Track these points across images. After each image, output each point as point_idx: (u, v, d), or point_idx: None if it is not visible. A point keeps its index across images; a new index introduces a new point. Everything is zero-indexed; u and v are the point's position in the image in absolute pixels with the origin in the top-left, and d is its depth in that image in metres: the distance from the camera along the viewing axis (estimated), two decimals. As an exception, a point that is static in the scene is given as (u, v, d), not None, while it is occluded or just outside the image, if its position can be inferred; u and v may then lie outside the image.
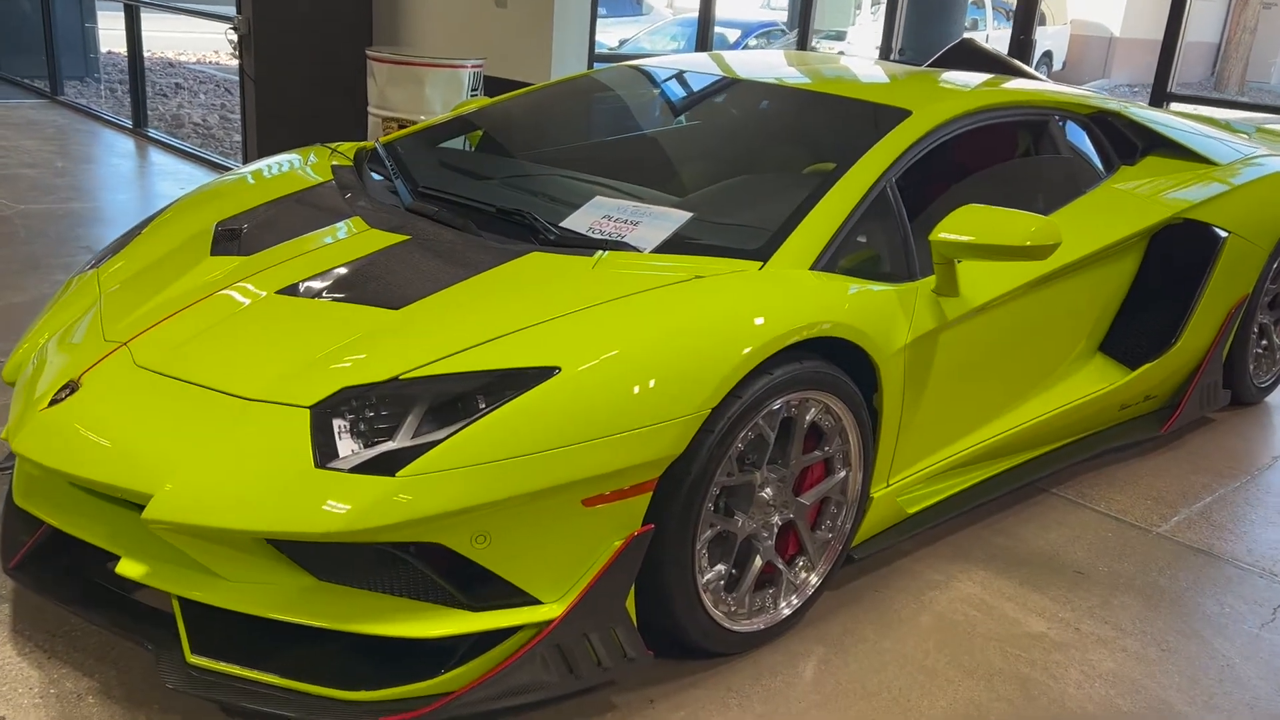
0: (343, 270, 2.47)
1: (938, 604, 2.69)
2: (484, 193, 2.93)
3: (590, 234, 2.58)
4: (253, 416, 2.07)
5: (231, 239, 2.72)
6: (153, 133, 8.11)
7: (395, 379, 2.07)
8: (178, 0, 8.38)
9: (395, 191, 2.95)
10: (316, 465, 1.96)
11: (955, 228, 2.57)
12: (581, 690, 2.20)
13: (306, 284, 2.43)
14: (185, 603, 2.09)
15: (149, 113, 8.35)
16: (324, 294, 2.38)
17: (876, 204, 2.67)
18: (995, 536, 3.05)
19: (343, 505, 1.91)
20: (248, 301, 2.40)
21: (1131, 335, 3.51)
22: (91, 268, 2.83)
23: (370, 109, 5.76)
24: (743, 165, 3.20)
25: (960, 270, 2.71)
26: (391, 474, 1.93)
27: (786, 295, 2.33)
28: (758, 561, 2.41)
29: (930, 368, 2.68)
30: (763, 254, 2.45)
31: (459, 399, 2.03)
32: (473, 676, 2.04)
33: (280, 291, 2.41)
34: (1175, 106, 5.56)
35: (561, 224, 2.63)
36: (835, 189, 2.64)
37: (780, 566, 2.46)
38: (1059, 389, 3.29)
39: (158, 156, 7.46)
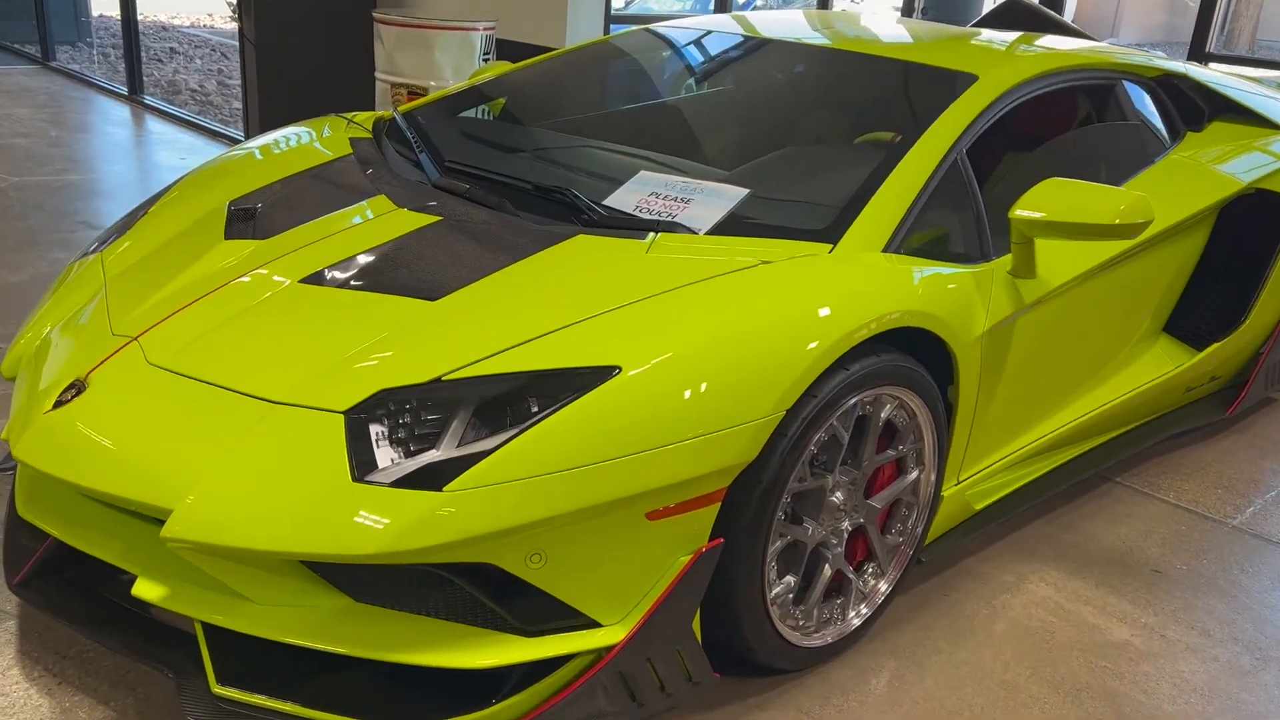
0: (370, 256, 2.26)
1: (1011, 609, 2.51)
2: (517, 168, 2.71)
3: (638, 213, 2.36)
4: (280, 422, 1.87)
5: (246, 220, 2.50)
6: (149, 99, 7.83)
7: (438, 380, 1.87)
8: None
9: (420, 166, 2.73)
10: (354, 479, 1.76)
11: (1037, 204, 2.35)
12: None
13: (332, 272, 2.21)
14: (209, 627, 1.90)
15: (144, 79, 8.07)
16: (351, 283, 2.17)
17: (948, 177, 2.46)
18: (1062, 533, 2.87)
19: (384, 524, 1.71)
20: (268, 291, 2.19)
21: (1197, 314, 3.31)
22: (94, 251, 2.61)
23: (378, 75, 5.51)
24: (788, 135, 2.98)
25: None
26: (437, 488, 1.73)
27: (863, 281, 2.13)
28: (826, 571, 2.22)
29: (1005, 356, 2.48)
30: (831, 235, 2.24)
31: (508, 402, 1.83)
32: (527, 707, 1.86)
33: (304, 280, 2.20)
34: (1214, 67, 5.32)
35: (605, 202, 2.41)
36: (906, 161, 2.42)
37: (849, 574, 2.27)
38: (1125, 373, 3.09)
39: (155, 125, 7.20)
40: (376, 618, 1.86)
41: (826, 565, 2.21)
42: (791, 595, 2.16)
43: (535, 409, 1.81)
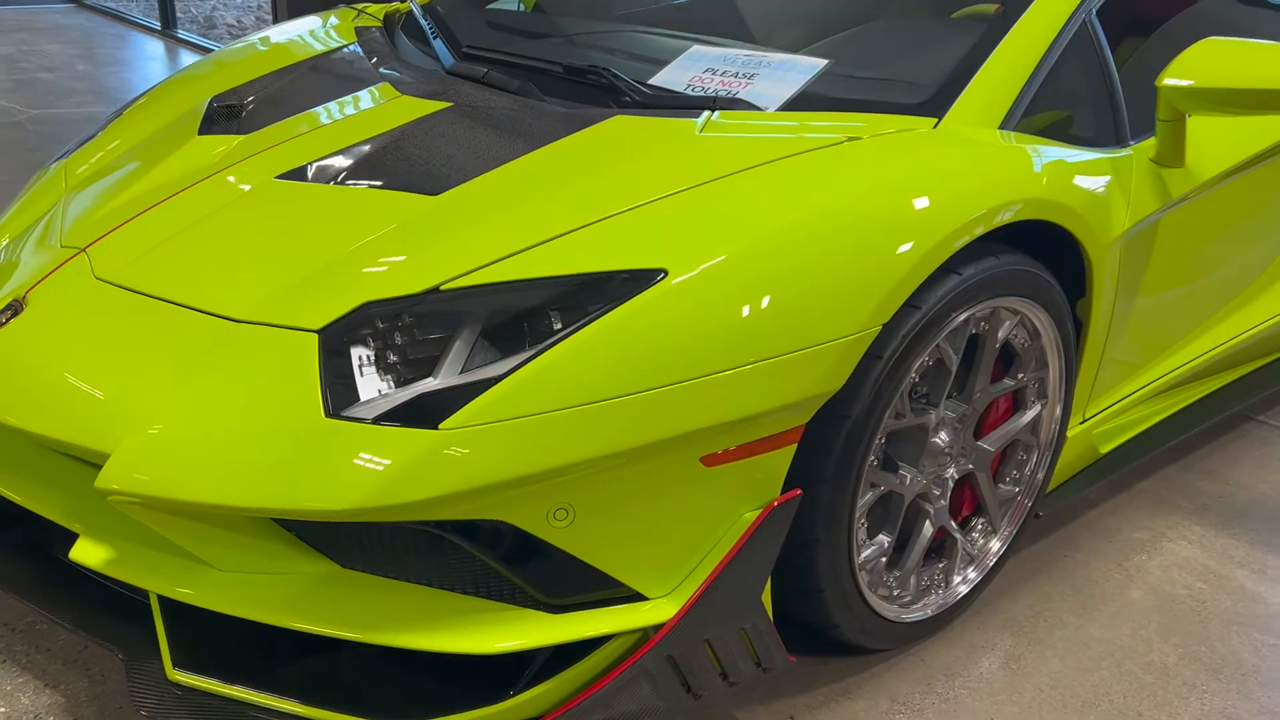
0: (364, 148, 1.86)
1: (1149, 573, 2.07)
2: (546, 51, 2.29)
3: (690, 92, 1.93)
4: (242, 345, 1.49)
5: (230, 117, 2.11)
6: (183, 34, 7.50)
7: (436, 290, 1.47)
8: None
9: (435, 57, 2.31)
10: (328, 414, 1.38)
11: (1193, 69, 1.87)
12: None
13: (317, 166, 1.82)
14: (167, 599, 1.55)
15: (179, 15, 7.74)
16: (338, 178, 1.78)
17: (1076, 43, 1.97)
18: (1201, 480, 2.41)
19: (366, 472, 1.33)
20: (239, 191, 1.80)
21: None
22: (61, 158, 2.25)
23: (411, -11, 5.08)
24: (868, 10, 2.51)
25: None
26: (433, 426, 1.34)
27: (977, 163, 1.68)
28: (927, 528, 1.80)
29: (1145, 263, 2.01)
30: (935, 108, 1.79)
31: (525, 317, 1.42)
32: (554, 700, 1.48)
33: (282, 176, 1.81)
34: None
35: (651, 81, 1.98)
36: (1026, 18, 1.93)
37: (954, 532, 1.85)
38: (1276, 291, 2.59)
39: (188, 58, 6.87)
40: (365, 589, 1.49)
41: (927, 521, 1.80)
42: (884, 558, 1.74)
43: (558, 325, 1.40)
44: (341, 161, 1.82)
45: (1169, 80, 1.88)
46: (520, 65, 2.13)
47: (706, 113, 1.80)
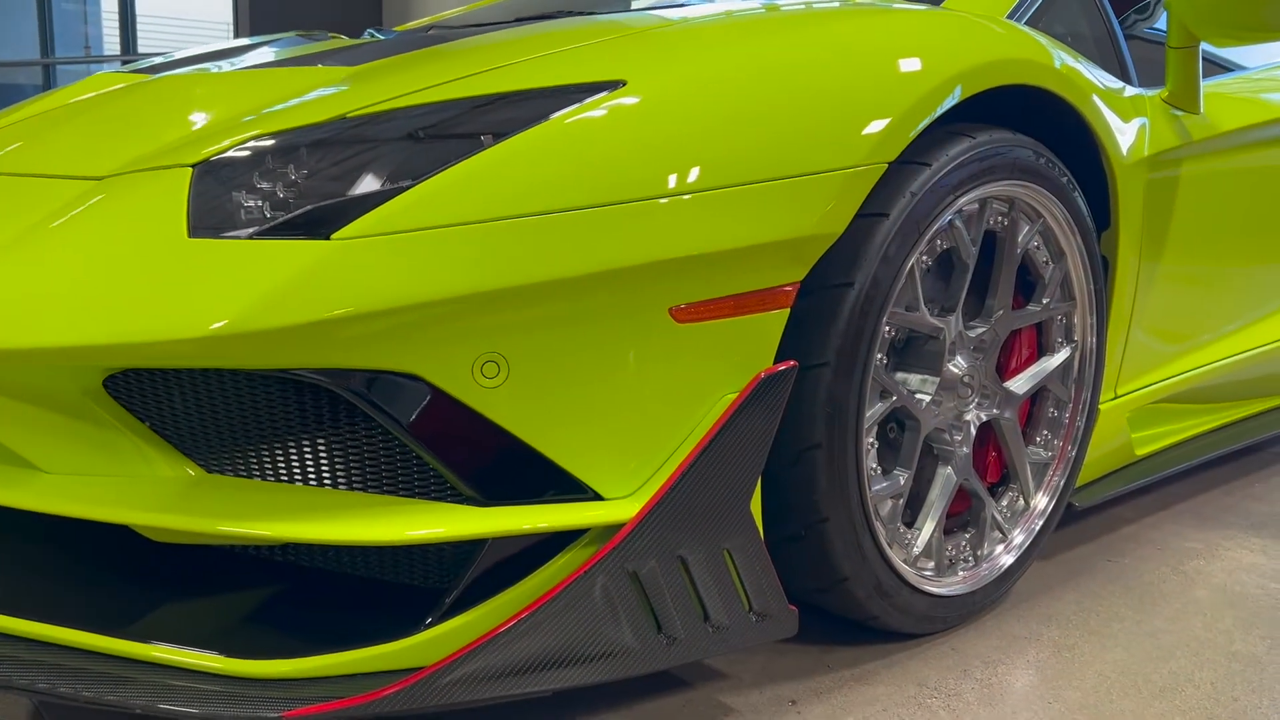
0: (284, 60, 1.64)
1: (1211, 575, 1.73)
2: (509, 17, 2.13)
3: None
4: (103, 197, 1.20)
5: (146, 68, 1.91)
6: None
7: (342, 118, 1.20)
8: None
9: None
10: (192, 235, 1.08)
11: (1206, -18, 1.71)
12: (668, 676, 1.26)
13: (228, 64, 1.60)
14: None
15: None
16: (246, 68, 1.55)
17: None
18: (1249, 503, 2.09)
19: (237, 289, 1.02)
20: (131, 86, 1.57)
21: None
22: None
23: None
24: None
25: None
26: (324, 237, 1.04)
27: (984, 28, 1.46)
28: (950, 476, 1.47)
29: (1171, 214, 1.78)
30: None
31: (448, 139, 1.15)
32: (476, 634, 1.11)
33: (183, 72, 1.58)
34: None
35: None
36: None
37: (980, 493, 1.52)
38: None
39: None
40: (240, 490, 1.15)
41: (950, 469, 1.47)
42: (901, 500, 1.40)
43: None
44: (255, 62, 1.60)
45: (1178, -3, 1.72)
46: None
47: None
